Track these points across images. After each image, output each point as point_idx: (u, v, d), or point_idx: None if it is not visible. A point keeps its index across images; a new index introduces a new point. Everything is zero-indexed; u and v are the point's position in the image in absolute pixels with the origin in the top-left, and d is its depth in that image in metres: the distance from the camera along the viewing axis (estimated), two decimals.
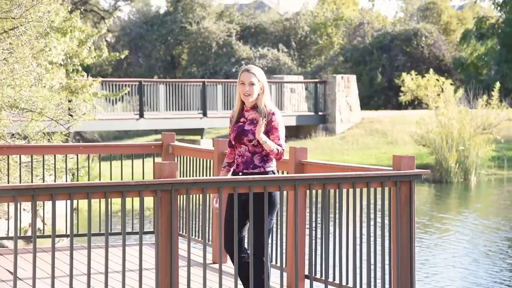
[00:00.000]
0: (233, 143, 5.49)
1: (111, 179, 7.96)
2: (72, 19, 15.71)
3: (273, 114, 5.42)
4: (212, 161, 7.40)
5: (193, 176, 7.71)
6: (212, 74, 36.99)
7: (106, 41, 38.38)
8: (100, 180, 8.09)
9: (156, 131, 28.95)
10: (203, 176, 7.58)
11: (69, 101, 12.43)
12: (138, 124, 24.92)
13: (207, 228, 7.27)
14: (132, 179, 7.76)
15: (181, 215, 7.71)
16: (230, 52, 37.98)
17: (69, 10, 15.56)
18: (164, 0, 60.57)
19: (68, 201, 4.84)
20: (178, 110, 25.30)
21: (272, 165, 5.47)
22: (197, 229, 7.64)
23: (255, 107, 5.45)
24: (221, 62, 37.75)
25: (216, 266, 6.87)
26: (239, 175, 5.39)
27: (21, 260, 6.72)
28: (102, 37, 34.56)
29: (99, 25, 38.53)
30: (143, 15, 41.63)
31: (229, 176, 5.49)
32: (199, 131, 26.26)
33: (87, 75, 18.98)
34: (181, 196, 6.32)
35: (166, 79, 31.31)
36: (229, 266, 6.71)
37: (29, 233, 12.88)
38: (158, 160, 7.92)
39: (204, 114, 25.62)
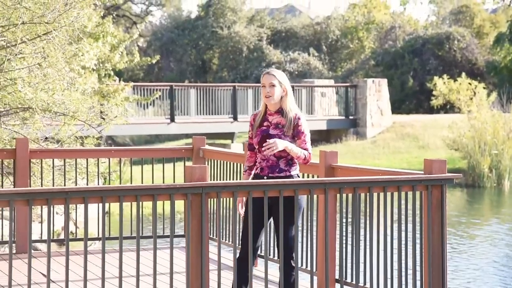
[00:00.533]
0: (257, 147, 5.45)
1: (142, 183, 8.01)
2: (104, 24, 15.86)
3: (298, 118, 5.39)
4: (242, 164, 7.41)
5: (223, 179, 7.73)
6: (242, 78, 37.05)
7: (137, 46, 38.67)
8: (131, 183, 8.15)
9: (187, 135, 29.06)
10: (233, 179, 7.60)
11: (101, 105, 12.55)
12: (169, 128, 25.05)
13: (237, 231, 7.28)
14: (163, 182, 7.81)
15: (212, 219, 7.73)
16: (261, 57, 38.02)
17: (102, 15, 15.72)
18: (195, 5, 60.83)
19: (100, 204, 4.88)
20: (209, 114, 25.38)
21: (297, 169, 5.46)
22: (227, 232, 7.65)
23: (279, 111, 5.41)
24: (252, 66, 37.81)
25: None
26: (264, 179, 5.36)
27: (54, 262, 6.79)
28: (134, 42, 34.83)
29: (131, 30, 38.85)
30: (174, 20, 41.87)
31: (250, 179, 5.46)
32: (230, 135, 26.31)
33: (119, 80, 19.15)
34: (212, 199, 6.34)
35: (197, 84, 31.43)
36: (259, 270, 6.71)
37: (61, 236, 13.01)
38: (189, 164, 7.96)
39: (235, 118, 25.67)
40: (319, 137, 28.44)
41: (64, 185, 7.95)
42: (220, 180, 7.75)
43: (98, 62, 17.24)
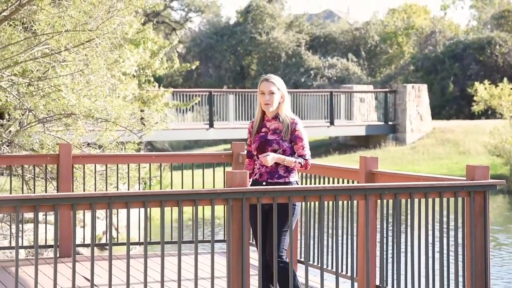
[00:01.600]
0: (255, 153, 5.47)
1: (182, 188, 8.06)
2: (145, 30, 16.04)
3: (296, 123, 5.40)
4: None
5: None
6: None
7: (177, 52, 38.96)
8: (171, 189, 8.21)
9: (225, 141, 29.18)
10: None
11: (141, 111, 12.69)
12: (208, 133, 25.17)
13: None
14: (203, 187, 7.85)
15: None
16: (299, 62, 38.01)
17: (142, 22, 15.90)
18: (234, 11, 61.00)
19: (141, 209, 4.94)
20: (247, 119, 25.42)
21: (295, 176, 5.46)
22: None
23: (276, 117, 5.43)
24: (290, 72, 37.81)
25: None
26: (262, 184, 5.38)
27: (96, 267, 6.87)
28: (173, 48, 35.09)
29: (171, 36, 39.17)
30: (213, 26, 42.09)
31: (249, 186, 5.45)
32: None
33: (159, 86, 19.32)
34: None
35: (236, 89, 31.54)
36: (299, 276, 6.70)
37: (103, 241, 13.17)
38: (228, 169, 7.99)
39: None
40: (357, 142, 28.30)
41: (106, 190, 8.05)
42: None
43: (139, 69, 17.42)
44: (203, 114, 25.33)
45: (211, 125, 24.72)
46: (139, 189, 8.48)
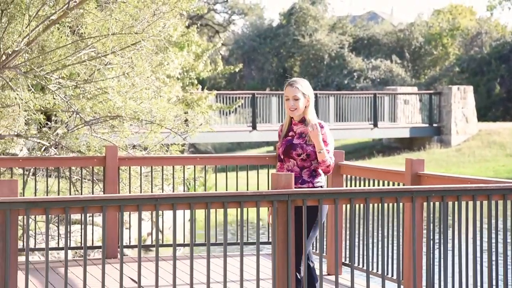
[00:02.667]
0: (282, 156, 5.44)
1: (226, 190, 8.09)
2: (189, 33, 16.16)
3: (321, 127, 5.35)
4: None
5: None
6: (323, 86, 36.96)
7: (220, 55, 39.14)
8: (216, 190, 8.25)
9: (268, 143, 29.20)
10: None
11: (185, 113, 12.79)
12: (251, 135, 25.21)
13: (322, 239, 7.26)
14: (247, 189, 7.86)
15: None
16: (342, 64, 37.85)
17: (187, 25, 16.01)
18: (277, 13, 61.04)
19: (187, 211, 4.97)
20: None
21: (321, 180, 5.39)
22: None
23: (303, 121, 5.40)
24: (333, 74, 37.68)
25: (332, 277, 6.84)
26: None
27: (142, 268, 6.92)
28: (217, 50, 35.25)
29: (214, 39, 39.35)
30: (257, 28, 42.17)
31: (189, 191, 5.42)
32: None
33: (202, 88, 19.43)
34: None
35: (279, 91, 31.56)
36: (344, 278, 6.67)
37: (147, 242, 13.28)
38: (273, 171, 7.98)
39: None
40: (401, 145, 28.05)
41: (151, 191, 8.11)
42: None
43: (183, 71, 17.55)
44: (246, 116, 25.40)
45: (254, 127, 24.76)
46: (184, 191, 8.53)
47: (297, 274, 5.18)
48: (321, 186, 5.40)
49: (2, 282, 4.29)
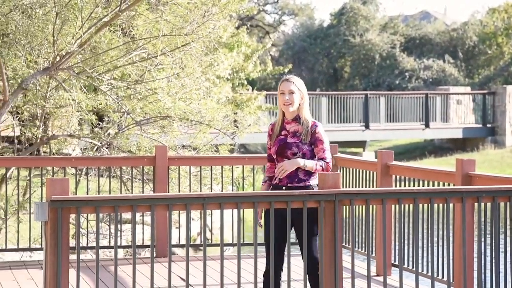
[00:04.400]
0: (275, 156, 5.33)
1: None
2: (238, 34, 16.23)
3: (316, 126, 5.26)
4: (375, 172, 7.34)
5: (356, 187, 7.69)
6: (374, 86, 36.68)
7: (270, 55, 39.18)
8: None
9: None
10: (366, 187, 7.54)
11: (235, 113, 12.86)
12: None
13: (370, 240, 7.22)
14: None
15: (344, 226, 7.70)
16: (394, 64, 37.50)
17: (236, 25, 16.08)
18: (327, 14, 60.72)
19: (235, 210, 5.00)
20: (340, 122, 25.32)
21: (316, 179, 5.29)
22: (360, 240, 7.60)
23: (296, 119, 5.30)
24: (384, 74, 37.37)
25: (380, 278, 6.79)
26: (282, 189, 5.23)
27: (191, 267, 6.99)
28: (266, 51, 35.31)
29: (264, 40, 39.42)
30: (307, 28, 42.08)
31: (269, 190, 5.31)
32: (361, 144, 26.12)
33: (252, 89, 19.48)
34: (345, 207, 6.32)
35: (328, 92, 31.44)
36: (393, 279, 6.62)
37: (197, 242, 13.38)
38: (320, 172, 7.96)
39: (367, 127, 25.45)
40: (454, 145, 27.65)
41: (200, 191, 8.18)
42: (352, 187, 7.72)
43: (232, 72, 17.64)
44: None
45: None
46: (232, 191, 8.57)
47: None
48: (317, 184, 5.29)
49: (54, 279, 4.38)
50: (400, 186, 7.03)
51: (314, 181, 5.28)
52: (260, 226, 5.29)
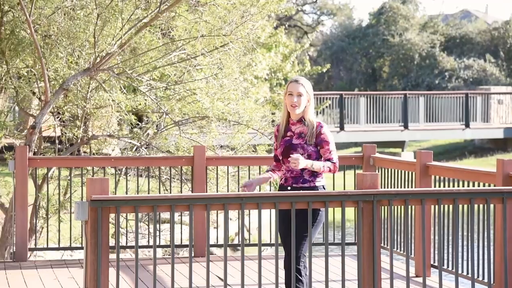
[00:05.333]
0: (281, 158, 5.32)
1: None
2: (277, 34, 16.24)
3: (321, 127, 5.23)
4: (414, 173, 7.28)
5: (394, 188, 7.63)
6: (414, 86, 36.37)
7: (308, 55, 39.11)
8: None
9: (356, 144, 28.97)
10: (405, 187, 7.48)
11: (273, 113, 12.86)
12: (339, 136, 25.08)
13: (409, 240, 7.16)
14: (333, 190, 7.83)
15: (384, 227, 7.66)
16: (433, 64, 37.14)
17: (275, 26, 16.09)
18: (366, 13, 60.45)
19: (273, 210, 4.99)
20: (379, 122, 25.16)
21: (322, 180, 5.29)
22: (399, 241, 7.55)
23: (301, 120, 5.27)
24: (424, 74, 37.03)
25: (419, 279, 6.74)
26: (287, 189, 5.24)
27: (229, 267, 7.02)
28: (304, 51, 35.25)
29: (302, 40, 39.35)
30: (345, 28, 41.91)
31: (275, 190, 5.32)
32: (400, 144, 25.91)
33: None
34: (383, 207, 6.28)
35: (367, 92, 31.26)
36: (433, 280, 6.56)
37: (235, 242, 13.42)
38: (359, 172, 7.93)
39: (405, 127, 25.25)
40: (495, 146, 27.28)
41: (238, 191, 8.21)
42: (391, 188, 7.66)
43: (270, 72, 17.65)
44: (334, 117, 25.29)
45: (341, 128, 24.63)
46: (270, 190, 8.58)
47: (297, 274, 5.14)
48: (323, 186, 5.31)
49: (95, 278, 4.43)
50: (439, 186, 6.96)
51: (320, 182, 5.29)
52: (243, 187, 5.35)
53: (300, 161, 5.18)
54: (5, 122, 8.72)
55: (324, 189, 5.32)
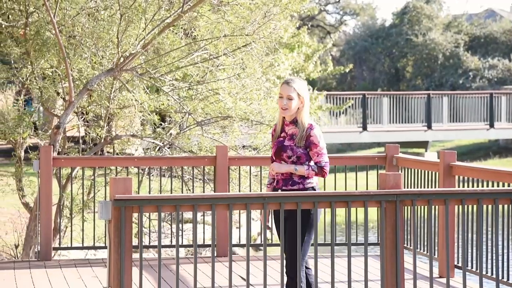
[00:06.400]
0: (274, 158, 5.28)
1: (335, 190, 8.06)
2: (299, 34, 16.22)
3: (311, 129, 5.16)
4: (437, 173, 7.23)
5: (417, 188, 7.59)
6: (437, 86, 36.15)
7: (331, 55, 39.02)
8: (324, 190, 8.23)
9: (379, 144, 28.86)
10: (428, 188, 7.44)
11: None
12: (361, 136, 25.00)
13: (433, 241, 7.12)
14: (356, 190, 7.81)
15: (407, 227, 7.62)
16: (457, 63, 36.89)
17: (297, 26, 16.07)
18: (390, 13, 60.13)
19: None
20: (402, 122, 25.04)
21: (312, 181, 5.21)
22: (422, 241, 7.50)
23: (294, 122, 5.22)
24: (448, 74, 36.79)
25: (443, 280, 6.70)
26: (278, 191, 5.18)
27: (251, 266, 7.02)
28: (327, 51, 35.18)
29: (325, 40, 39.28)
30: (368, 28, 41.76)
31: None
32: (423, 144, 25.77)
33: (313, 89, 19.45)
34: (406, 207, 6.26)
35: (390, 92, 31.11)
36: (456, 281, 6.52)
37: (257, 241, 13.42)
38: (382, 172, 7.89)
39: (429, 127, 25.11)
40: None
41: (261, 191, 8.21)
42: (414, 188, 7.62)
43: (293, 72, 17.64)
44: (357, 117, 25.21)
45: (364, 128, 24.54)
46: None
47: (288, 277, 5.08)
48: (313, 187, 5.22)
49: (118, 277, 4.46)
50: (463, 187, 6.91)
51: (309, 184, 5.21)
52: (269, 229, 5.24)
53: (275, 168, 5.16)
54: (30, 122, 8.79)
55: (315, 189, 5.23)
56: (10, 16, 8.67)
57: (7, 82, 9.99)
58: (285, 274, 5.10)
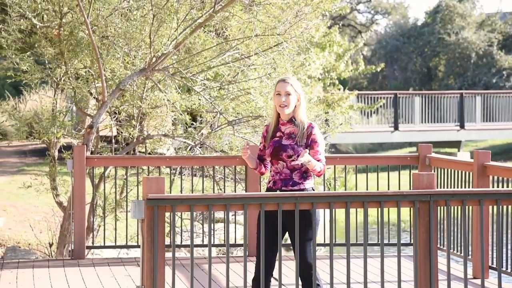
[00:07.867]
0: (269, 159, 5.19)
1: (367, 190, 8.02)
2: (330, 34, 16.16)
3: (312, 127, 5.10)
4: (471, 173, 7.16)
5: (451, 188, 7.52)
6: (470, 85, 35.78)
7: (362, 55, 38.84)
8: (356, 190, 8.20)
9: (411, 144, 28.66)
10: (462, 188, 7.37)
11: (326, 113, 12.80)
12: (393, 136, 24.85)
13: (467, 241, 7.04)
14: (388, 189, 7.76)
15: (440, 228, 7.55)
16: (491, 62, 36.49)
17: (328, 25, 16.02)
18: (422, 12, 59.70)
19: (327, 210, 4.97)
20: (434, 122, 24.85)
21: (311, 182, 5.15)
22: (456, 242, 7.43)
23: (291, 121, 5.14)
24: (481, 73, 36.41)
25: (477, 281, 6.63)
26: (276, 192, 5.09)
27: (283, 266, 7.01)
28: (358, 50, 35.02)
29: (356, 39, 39.10)
30: (400, 27, 41.49)
31: (264, 192, 5.14)
32: (456, 144, 25.54)
33: (343, 89, 19.38)
34: (440, 208, 6.20)
35: (422, 91, 30.89)
36: (491, 282, 6.44)
37: (289, 241, 13.41)
38: (415, 172, 7.83)
39: (462, 126, 24.88)
40: None
41: None
42: (447, 188, 7.55)
43: (324, 71, 17.59)
44: (388, 117, 25.07)
45: (396, 128, 24.39)
46: (324, 190, 8.55)
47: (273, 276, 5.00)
48: (312, 188, 5.17)
49: (151, 276, 4.48)
50: (497, 187, 6.83)
51: (309, 184, 5.17)
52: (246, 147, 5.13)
53: (306, 157, 5.02)
54: (63, 122, 8.88)
55: (313, 190, 5.19)
56: (44, 17, 8.76)
57: (41, 82, 10.10)
58: (283, 276, 5.12)
